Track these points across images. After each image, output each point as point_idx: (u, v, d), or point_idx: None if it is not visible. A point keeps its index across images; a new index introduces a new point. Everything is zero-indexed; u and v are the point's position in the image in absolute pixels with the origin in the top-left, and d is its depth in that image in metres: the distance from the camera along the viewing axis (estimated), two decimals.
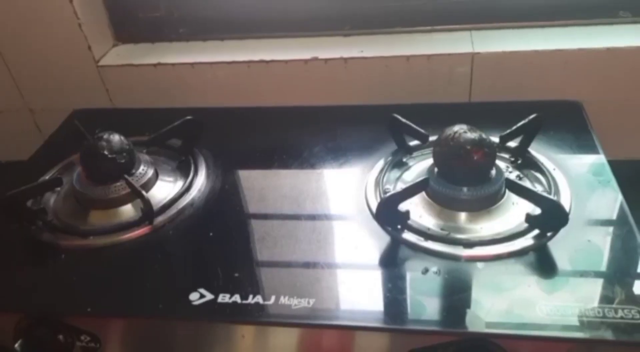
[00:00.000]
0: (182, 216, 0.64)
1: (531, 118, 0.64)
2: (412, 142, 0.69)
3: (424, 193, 0.61)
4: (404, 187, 0.58)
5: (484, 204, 0.58)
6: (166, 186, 0.68)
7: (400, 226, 0.57)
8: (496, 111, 0.75)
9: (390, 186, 0.64)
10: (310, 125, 0.77)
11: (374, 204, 0.60)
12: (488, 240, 0.55)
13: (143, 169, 0.67)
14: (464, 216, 0.58)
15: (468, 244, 0.55)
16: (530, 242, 0.55)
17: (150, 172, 0.67)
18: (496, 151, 0.60)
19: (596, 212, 0.58)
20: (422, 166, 0.66)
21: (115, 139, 0.65)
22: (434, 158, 0.60)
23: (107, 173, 0.64)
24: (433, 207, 0.60)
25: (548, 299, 0.49)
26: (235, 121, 0.80)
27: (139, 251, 0.60)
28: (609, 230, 0.56)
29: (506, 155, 0.67)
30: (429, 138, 0.66)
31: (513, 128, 0.65)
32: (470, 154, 0.56)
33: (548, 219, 0.55)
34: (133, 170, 0.66)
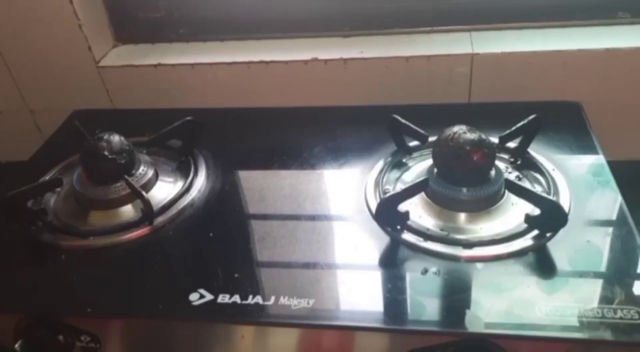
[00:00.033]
0: (182, 217, 0.64)
1: (530, 119, 0.64)
2: (412, 142, 0.69)
3: (424, 194, 0.61)
4: (404, 187, 0.58)
5: (484, 205, 0.58)
6: (166, 187, 0.68)
7: (399, 227, 0.58)
8: (496, 112, 0.75)
9: (389, 187, 0.64)
10: (310, 125, 0.77)
11: (374, 205, 0.61)
12: (487, 240, 0.55)
13: (143, 170, 0.67)
14: (464, 217, 0.58)
15: (467, 245, 0.55)
16: (529, 242, 0.55)
17: (150, 172, 0.67)
18: (496, 152, 0.60)
19: (595, 212, 0.58)
20: (422, 167, 0.66)
21: (115, 140, 0.65)
22: (434, 159, 0.60)
23: (107, 174, 0.64)
24: (432, 207, 0.60)
25: (547, 300, 0.49)
26: (235, 122, 0.80)
27: (139, 252, 0.60)
28: (608, 230, 0.56)
29: (506, 155, 0.67)
30: (429, 139, 0.66)
31: (512, 129, 0.65)
32: (469, 155, 0.57)
33: (547, 220, 0.55)
34: (133, 170, 0.66)
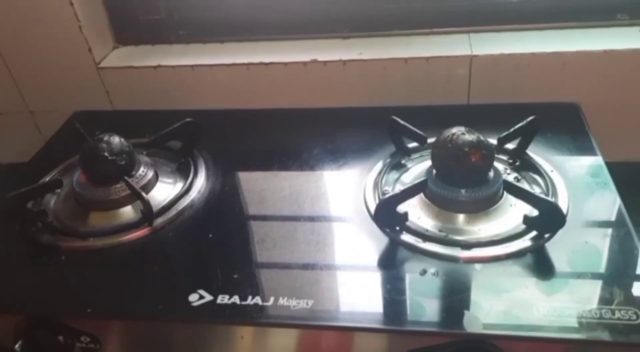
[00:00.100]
0: (182, 218, 0.64)
1: (529, 120, 0.64)
2: (411, 144, 0.69)
3: (423, 195, 0.61)
4: (403, 188, 0.59)
5: (482, 206, 0.59)
6: (166, 188, 0.68)
7: (398, 228, 0.58)
8: (494, 113, 0.75)
9: (388, 188, 0.64)
10: (309, 127, 0.78)
11: (373, 206, 0.61)
12: (486, 241, 0.55)
13: (143, 171, 0.67)
14: (462, 218, 0.58)
15: (466, 246, 0.55)
16: (528, 243, 0.55)
17: (150, 173, 0.67)
18: (494, 153, 0.60)
19: (594, 213, 0.58)
20: (421, 168, 0.66)
21: (115, 141, 0.65)
22: (433, 160, 0.61)
23: (107, 175, 0.64)
24: (431, 208, 0.60)
25: (546, 300, 0.49)
26: (235, 123, 0.80)
27: (139, 252, 0.60)
28: (607, 231, 0.56)
29: (504, 157, 0.67)
30: (428, 140, 0.67)
31: (511, 130, 0.65)
32: (468, 156, 0.57)
33: (546, 221, 0.55)
34: (133, 172, 0.66)
